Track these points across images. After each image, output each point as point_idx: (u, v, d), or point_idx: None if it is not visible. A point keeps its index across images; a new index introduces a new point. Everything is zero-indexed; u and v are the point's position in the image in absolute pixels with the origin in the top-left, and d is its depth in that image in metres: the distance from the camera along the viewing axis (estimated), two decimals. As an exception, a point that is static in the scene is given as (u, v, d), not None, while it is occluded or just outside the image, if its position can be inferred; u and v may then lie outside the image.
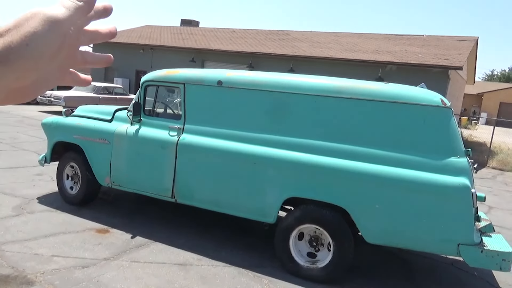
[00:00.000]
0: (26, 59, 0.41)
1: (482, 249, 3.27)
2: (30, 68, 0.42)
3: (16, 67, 0.41)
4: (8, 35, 0.41)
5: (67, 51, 0.46)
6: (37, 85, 0.46)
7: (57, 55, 0.45)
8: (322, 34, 21.96)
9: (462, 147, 3.44)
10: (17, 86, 0.43)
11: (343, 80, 3.97)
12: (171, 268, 3.71)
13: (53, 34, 0.43)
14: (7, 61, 0.40)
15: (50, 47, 0.43)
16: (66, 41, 0.45)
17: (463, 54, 15.65)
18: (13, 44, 0.40)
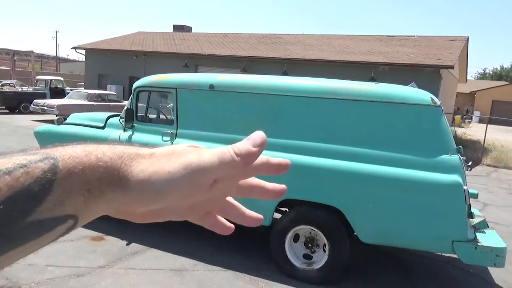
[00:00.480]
0: (143, 195, 0.37)
1: (476, 245, 3.28)
2: (144, 204, 0.38)
3: (132, 199, 0.37)
4: (145, 160, 0.38)
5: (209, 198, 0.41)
6: (151, 216, 0.42)
7: (185, 202, 0.40)
8: (315, 36, 22.07)
9: (453, 145, 3.46)
10: (128, 211, 0.40)
11: (334, 81, 3.99)
12: (167, 274, 3.70)
13: (188, 184, 0.38)
14: (127, 188, 0.37)
15: (176, 194, 0.38)
16: (201, 192, 0.40)
17: (454, 53, 15.78)
18: (141, 173, 0.37)
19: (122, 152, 0.38)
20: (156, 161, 0.38)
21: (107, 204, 0.37)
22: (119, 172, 0.36)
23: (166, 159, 0.38)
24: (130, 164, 0.37)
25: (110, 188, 0.36)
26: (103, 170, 0.36)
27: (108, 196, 0.36)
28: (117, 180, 0.36)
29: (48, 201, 0.32)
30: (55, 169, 0.33)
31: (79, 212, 0.35)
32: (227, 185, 0.42)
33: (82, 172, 0.34)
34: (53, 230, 0.33)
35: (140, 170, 0.37)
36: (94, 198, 0.35)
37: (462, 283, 4.16)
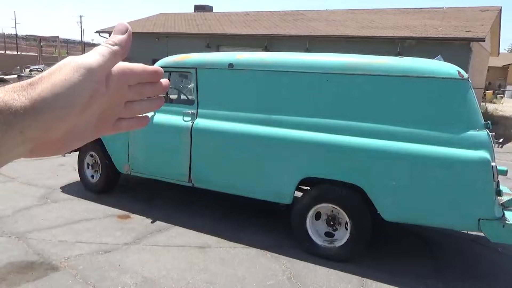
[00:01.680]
0: (54, 108, 0.39)
1: (504, 224, 3.18)
2: (59, 118, 0.40)
3: (45, 117, 0.39)
4: (39, 84, 0.40)
5: (108, 103, 0.45)
6: (69, 138, 0.44)
7: (89, 106, 0.42)
8: (338, 12, 21.47)
9: (481, 120, 3.32)
10: (46, 139, 0.41)
11: (356, 56, 3.87)
12: (191, 251, 3.78)
13: (85, 82, 0.41)
14: (36, 111, 0.38)
15: (81, 96, 0.41)
16: (101, 90, 0.43)
17: (486, 25, 15.03)
18: (42, 92, 0.39)
19: (13, 87, 0.39)
20: (49, 78, 0.40)
21: (20, 137, 0.38)
22: (20, 100, 0.38)
23: (58, 73, 0.40)
24: (27, 91, 0.39)
25: (17, 118, 0.37)
26: (3, 105, 0.37)
27: (18, 126, 0.37)
28: (21, 108, 0.37)
29: None
30: None
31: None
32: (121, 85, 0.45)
33: None
34: None
35: (40, 90, 0.39)
36: (2, 133, 0.36)
37: (489, 262, 4.07)
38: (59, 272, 3.28)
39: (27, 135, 0.38)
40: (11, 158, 0.40)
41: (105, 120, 0.47)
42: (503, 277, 3.74)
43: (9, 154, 0.39)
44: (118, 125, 0.48)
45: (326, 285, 3.34)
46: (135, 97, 0.48)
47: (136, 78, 0.47)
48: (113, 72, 0.45)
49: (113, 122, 0.48)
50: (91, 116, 0.44)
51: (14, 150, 0.39)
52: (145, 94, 0.48)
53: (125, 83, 0.46)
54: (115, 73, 0.44)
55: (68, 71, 0.40)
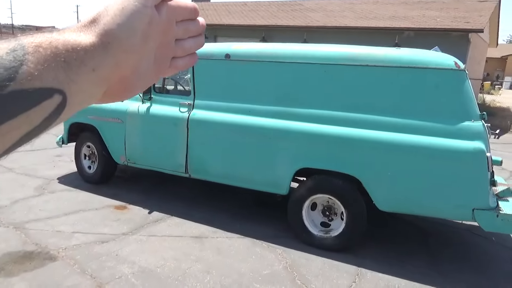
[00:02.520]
0: (120, 39, 0.40)
1: (497, 214, 3.21)
2: (126, 49, 0.41)
3: (114, 50, 0.40)
4: (100, 19, 0.41)
5: (163, 37, 0.46)
6: (136, 78, 0.45)
7: (149, 35, 0.43)
8: (336, 2, 21.32)
9: (477, 111, 3.34)
10: (117, 76, 0.42)
11: (352, 47, 3.87)
12: (187, 241, 3.81)
13: (141, 8, 0.42)
14: (104, 45, 0.39)
15: (141, 22, 0.42)
16: (156, 17, 0.44)
17: (484, 16, 14.98)
18: (105, 26, 0.40)
19: (77, 27, 0.40)
20: (106, 11, 0.41)
21: (93, 74, 0.38)
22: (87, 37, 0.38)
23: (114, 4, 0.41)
24: (91, 28, 0.40)
25: (88, 55, 0.38)
26: (74, 43, 0.37)
27: (90, 64, 0.38)
28: (91, 44, 0.38)
29: (24, 72, 0.33)
30: (22, 44, 0.34)
31: (63, 85, 0.36)
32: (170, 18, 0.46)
33: (50, 45, 0.35)
34: (39, 104, 0.34)
35: (102, 24, 0.40)
36: (75, 68, 0.36)
37: (483, 251, 4.11)
38: (57, 262, 3.30)
39: (100, 72, 0.39)
40: (87, 101, 0.40)
41: (163, 60, 0.48)
42: (496, 266, 3.78)
43: (85, 95, 0.39)
44: (175, 64, 0.50)
45: (322, 275, 3.37)
46: (183, 34, 0.48)
47: (181, 12, 0.48)
48: (161, 4, 0.45)
49: (169, 61, 0.49)
50: (151, 51, 0.45)
51: (89, 91, 0.39)
52: (190, 31, 0.49)
53: (173, 16, 0.46)
54: (164, 5, 0.45)
55: (122, 1, 0.42)
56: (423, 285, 3.31)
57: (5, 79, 0.32)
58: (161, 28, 0.45)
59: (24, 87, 0.33)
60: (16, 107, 0.33)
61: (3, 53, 0.33)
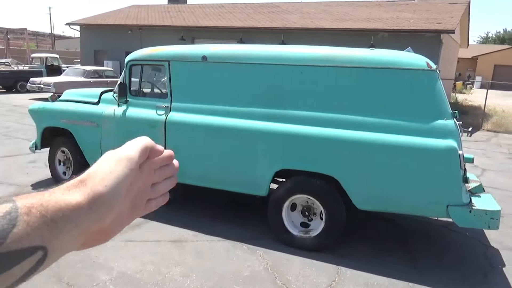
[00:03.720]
0: (106, 199, 0.45)
1: (470, 209, 3.31)
2: (110, 207, 0.45)
3: (98, 209, 0.44)
4: (89, 180, 0.45)
5: (138, 188, 0.51)
6: (113, 226, 0.49)
7: (130, 191, 0.48)
8: (313, 4, 21.56)
9: (448, 110, 3.43)
10: (95, 229, 0.45)
11: (328, 48, 3.92)
12: (167, 245, 3.76)
13: (127, 171, 0.47)
14: (90, 205, 0.43)
15: (125, 183, 0.47)
16: (138, 176, 0.49)
17: (455, 17, 15.44)
18: (93, 187, 0.44)
19: (67, 186, 0.44)
20: (95, 174, 0.46)
21: (76, 230, 0.42)
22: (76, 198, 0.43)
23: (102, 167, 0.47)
24: (80, 188, 0.44)
25: (73, 213, 0.42)
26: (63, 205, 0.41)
27: (74, 221, 0.42)
28: (77, 204, 0.42)
29: (14, 234, 0.36)
30: (16, 206, 0.38)
31: (47, 243, 0.39)
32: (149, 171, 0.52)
33: (41, 206, 0.39)
34: (23, 261, 0.37)
35: (91, 185, 0.44)
36: (60, 227, 0.40)
37: (458, 246, 4.23)
38: (31, 271, 3.20)
39: (82, 228, 0.43)
40: (65, 252, 0.44)
41: (139, 204, 0.52)
42: (471, 260, 3.89)
43: (64, 248, 0.43)
44: (149, 205, 0.54)
45: (302, 275, 3.39)
46: (159, 178, 0.54)
47: (160, 162, 0.53)
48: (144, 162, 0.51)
49: (144, 204, 0.53)
50: (128, 202, 0.49)
51: (69, 244, 0.43)
52: (165, 175, 0.55)
53: (152, 168, 0.52)
54: (146, 162, 0.51)
55: (112, 164, 0.47)
56: (401, 281, 3.37)
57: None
58: (141, 182, 0.51)
59: (11, 249, 0.36)
60: (1, 267, 0.35)
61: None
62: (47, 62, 18.48)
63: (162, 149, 0.54)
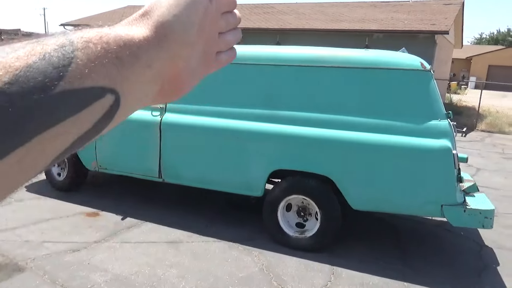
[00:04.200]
0: (176, 31, 0.38)
1: (465, 209, 3.33)
2: (182, 41, 0.39)
3: (169, 43, 0.38)
4: (153, 11, 0.38)
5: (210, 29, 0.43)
6: (187, 74, 0.42)
7: (202, 27, 0.41)
8: (308, 5, 21.61)
9: (442, 110, 3.45)
10: (172, 72, 0.40)
11: (322, 49, 3.93)
12: (162, 246, 3.75)
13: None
14: (159, 39, 0.37)
15: (197, 12, 0.40)
16: (210, 7, 0.42)
17: (449, 18, 15.53)
18: (160, 18, 0.38)
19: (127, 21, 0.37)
20: (159, 2, 0.39)
21: (147, 70, 0.36)
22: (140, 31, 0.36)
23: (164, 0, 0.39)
24: (144, 22, 0.37)
25: (141, 49, 0.35)
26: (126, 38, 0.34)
27: (144, 59, 0.35)
28: (144, 38, 0.36)
29: (73, 70, 0.30)
30: (71, 39, 0.31)
31: (116, 84, 0.33)
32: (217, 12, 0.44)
33: (100, 40, 0.33)
34: (91, 105, 0.31)
35: (156, 16, 0.37)
36: (128, 65, 0.34)
37: (453, 245, 4.25)
38: (25, 273, 3.19)
39: (154, 67, 0.37)
40: (141, 101, 0.37)
41: (209, 54, 0.45)
42: (465, 260, 3.91)
43: (139, 94, 0.36)
44: (219, 58, 0.47)
45: (298, 275, 3.40)
46: (225, 27, 0.46)
47: (225, 3, 0.45)
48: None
49: (214, 56, 0.46)
50: (201, 43, 0.42)
51: (143, 89, 0.37)
52: (231, 24, 0.47)
53: (219, 7, 0.44)
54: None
55: None
56: (396, 281, 3.38)
57: (54, 78, 0.29)
58: (211, 19, 0.43)
59: (74, 86, 0.30)
60: (66, 109, 0.29)
61: (51, 49, 0.30)
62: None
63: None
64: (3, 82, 0.27)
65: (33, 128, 0.28)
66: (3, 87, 0.27)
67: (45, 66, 0.29)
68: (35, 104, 0.28)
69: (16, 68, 0.28)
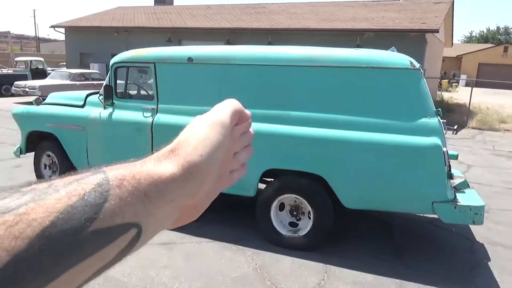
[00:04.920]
0: (202, 170, 0.40)
1: (455, 205, 3.36)
2: (206, 179, 0.41)
3: (194, 181, 0.40)
4: (180, 149, 0.41)
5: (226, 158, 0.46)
6: (204, 200, 0.45)
7: (224, 161, 0.44)
8: (299, 5, 21.68)
9: (432, 108, 3.48)
10: (190, 203, 0.42)
11: (313, 48, 3.94)
12: (155, 248, 3.74)
13: (222, 138, 0.43)
14: (186, 177, 0.39)
15: (221, 152, 0.42)
16: (231, 144, 0.45)
17: (439, 17, 15.66)
18: (188, 157, 0.40)
19: (157, 156, 0.40)
20: (187, 141, 0.41)
21: (170, 205, 0.38)
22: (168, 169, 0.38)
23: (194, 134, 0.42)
24: (172, 159, 0.40)
25: (168, 187, 0.38)
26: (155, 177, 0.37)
27: (169, 195, 0.38)
28: (171, 176, 0.38)
29: (107, 209, 0.33)
30: (107, 178, 0.35)
31: (141, 219, 0.35)
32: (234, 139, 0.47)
33: (133, 178, 0.36)
34: (115, 240, 0.33)
35: (184, 155, 0.40)
36: (154, 201, 0.36)
37: (444, 242, 4.28)
38: (17, 278, 3.15)
39: (176, 202, 0.39)
40: (160, 229, 0.40)
41: (223, 175, 0.47)
42: (457, 256, 3.95)
43: (159, 225, 0.39)
44: (232, 177, 0.49)
45: (291, 274, 3.41)
46: (240, 147, 0.49)
47: (242, 129, 0.49)
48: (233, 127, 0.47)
49: (228, 175, 0.48)
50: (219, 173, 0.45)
51: (163, 220, 0.39)
52: (245, 143, 0.50)
53: (237, 135, 0.48)
54: (234, 128, 0.47)
55: (205, 129, 0.43)
56: (388, 278, 3.41)
57: (89, 218, 0.31)
58: (230, 149, 0.46)
59: (105, 225, 0.32)
60: (94, 246, 0.32)
61: (89, 188, 0.33)
62: (32, 65, 18.23)
63: (250, 114, 0.50)
64: (43, 226, 0.29)
65: (62, 268, 0.30)
66: (44, 230, 0.29)
67: (83, 206, 0.32)
68: (69, 246, 0.30)
69: (57, 210, 0.30)
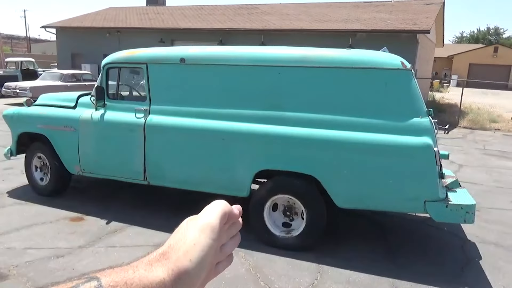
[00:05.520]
0: (191, 275, 0.42)
1: (447, 204, 3.39)
2: (196, 281, 0.43)
3: (181, 285, 0.42)
4: (171, 253, 0.43)
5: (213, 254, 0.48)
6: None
7: (211, 261, 0.46)
8: (292, 6, 21.71)
9: (423, 108, 3.50)
10: None
11: (305, 49, 3.95)
12: (148, 250, 3.72)
13: (211, 242, 0.45)
14: (175, 282, 0.41)
15: (210, 255, 0.45)
16: (219, 245, 0.47)
17: (430, 18, 15.79)
18: (178, 262, 0.42)
19: (148, 260, 0.43)
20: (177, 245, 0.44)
21: None
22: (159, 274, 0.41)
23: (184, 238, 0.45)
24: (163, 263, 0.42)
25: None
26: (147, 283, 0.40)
27: None
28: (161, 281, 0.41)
29: None
30: (101, 286, 0.37)
31: None
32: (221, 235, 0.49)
33: (125, 285, 0.38)
34: None
35: (174, 260, 0.42)
36: None
37: (436, 241, 4.32)
38: (8, 281, 3.12)
39: None
40: None
41: (211, 269, 0.49)
42: (449, 254, 3.98)
43: None
44: (217, 269, 0.51)
45: (285, 274, 3.41)
46: (227, 238, 0.51)
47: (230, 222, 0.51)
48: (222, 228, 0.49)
49: (213, 268, 0.50)
50: None
51: None
52: (232, 233, 0.52)
53: (225, 230, 0.50)
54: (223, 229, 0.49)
55: (195, 234, 0.45)
56: (381, 277, 3.42)
57: None
58: (218, 245, 0.48)
59: None
60: None
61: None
62: (23, 66, 18.03)
63: (238, 213, 0.52)
64: None
65: None
66: None
67: None
68: None
69: None
